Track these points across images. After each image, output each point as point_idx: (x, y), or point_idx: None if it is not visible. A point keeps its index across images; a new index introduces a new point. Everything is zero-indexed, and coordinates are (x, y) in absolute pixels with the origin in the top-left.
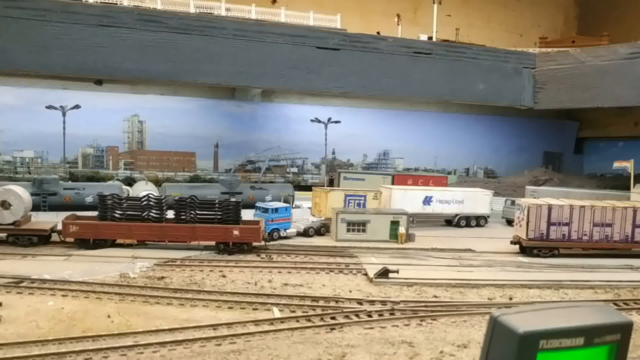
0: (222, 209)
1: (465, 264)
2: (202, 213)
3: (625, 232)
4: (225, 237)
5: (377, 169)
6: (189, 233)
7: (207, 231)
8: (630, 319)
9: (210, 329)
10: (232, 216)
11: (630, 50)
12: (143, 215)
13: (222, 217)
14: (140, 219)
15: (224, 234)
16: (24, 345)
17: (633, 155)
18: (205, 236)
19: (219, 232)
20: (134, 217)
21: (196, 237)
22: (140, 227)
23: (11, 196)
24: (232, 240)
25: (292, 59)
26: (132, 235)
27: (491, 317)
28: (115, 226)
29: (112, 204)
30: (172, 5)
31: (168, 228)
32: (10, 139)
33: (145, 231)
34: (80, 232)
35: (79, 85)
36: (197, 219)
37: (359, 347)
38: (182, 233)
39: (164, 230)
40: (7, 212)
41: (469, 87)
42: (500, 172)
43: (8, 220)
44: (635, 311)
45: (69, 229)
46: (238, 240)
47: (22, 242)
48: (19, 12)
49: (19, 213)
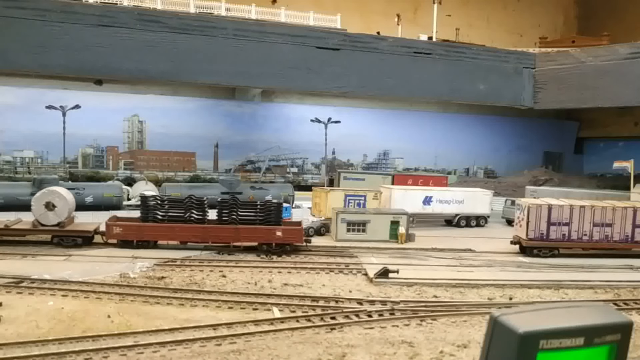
0: (264, 210)
1: (465, 264)
2: (244, 214)
3: (625, 232)
4: (268, 238)
5: (377, 169)
6: (232, 234)
7: (250, 232)
8: (630, 319)
9: (210, 329)
10: (273, 217)
11: (630, 50)
12: (185, 217)
13: (264, 218)
14: (182, 220)
15: (267, 235)
16: (24, 345)
17: (633, 155)
18: (248, 237)
19: (262, 233)
20: (175, 218)
21: (239, 238)
22: (184, 229)
23: (56, 197)
24: (275, 241)
25: (292, 59)
26: (175, 236)
27: (491, 317)
28: (158, 227)
29: (154, 205)
30: (172, 5)
31: (211, 229)
32: (10, 139)
33: (188, 232)
34: (123, 233)
35: (79, 85)
36: (239, 220)
37: (359, 347)
38: (225, 234)
39: (207, 231)
40: (51, 214)
41: (469, 87)
42: (500, 172)
43: (53, 221)
44: (635, 311)
45: (112, 230)
46: (281, 241)
47: (67, 244)
48: (19, 12)
49: (64, 214)
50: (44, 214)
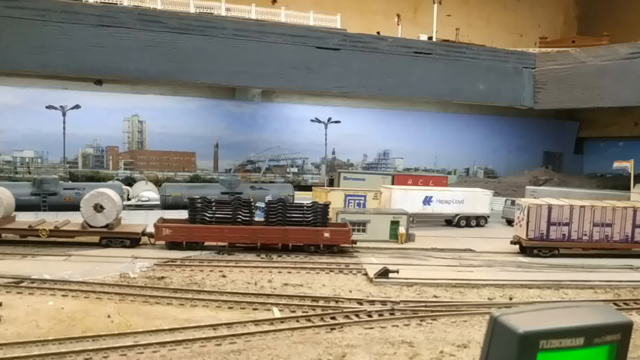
0: (310, 211)
1: (465, 264)
2: (292, 215)
3: (625, 232)
4: (316, 239)
5: (377, 169)
6: (280, 235)
7: (298, 233)
8: (630, 319)
9: (210, 329)
10: (320, 218)
11: (630, 50)
12: (233, 218)
13: (311, 219)
14: (230, 221)
15: (315, 236)
16: (24, 345)
17: (633, 155)
18: (296, 238)
19: (310, 234)
20: (222, 219)
21: (287, 240)
22: (233, 230)
23: (104, 199)
24: (323, 242)
25: (292, 59)
26: (224, 237)
27: (491, 317)
28: (207, 229)
29: (201, 206)
30: (172, 5)
31: (259, 230)
32: (10, 139)
33: (237, 234)
34: (172, 235)
35: (79, 85)
36: (287, 221)
37: (359, 347)
38: (274, 235)
39: (255, 233)
40: (100, 215)
41: (469, 87)
42: (500, 172)
43: (101, 223)
44: (635, 311)
45: (161, 232)
46: (328, 242)
47: (115, 245)
48: (19, 12)
49: (112, 216)
50: (92, 215)
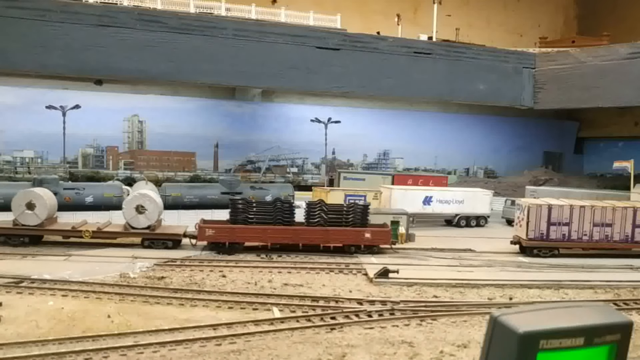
0: (351, 212)
1: (465, 264)
2: (333, 216)
3: (625, 232)
4: (357, 239)
5: (377, 169)
6: (322, 236)
7: (340, 234)
8: (630, 319)
9: (210, 329)
10: (360, 219)
11: (630, 50)
12: (273, 219)
13: (351, 220)
14: (270, 222)
15: (356, 237)
16: (24, 345)
17: (633, 155)
18: (337, 239)
19: (351, 235)
20: (263, 220)
21: (328, 240)
22: (275, 231)
23: (146, 200)
24: (364, 242)
25: (292, 59)
26: (267, 238)
27: (491, 317)
28: (249, 230)
29: (242, 207)
30: (172, 5)
31: (301, 231)
32: (10, 139)
33: (279, 234)
34: (215, 235)
35: (79, 85)
36: (327, 222)
37: (359, 347)
38: (315, 236)
39: (297, 234)
40: (142, 217)
41: (469, 87)
42: (500, 172)
43: (143, 224)
44: (635, 311)
45: (205, 232)
46: (369, 243)
47: (157, 247)
48: (19, 12)
49: (154, 217)
50: (134, 217)
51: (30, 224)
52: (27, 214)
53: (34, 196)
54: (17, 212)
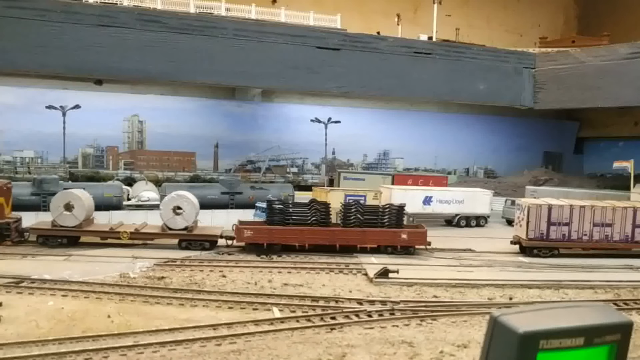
0: (386, 213)
1: (465, 264)
2: (369, 217)
3: (625, 232)
4: (394, 240)
5: (377, 169)
6: (359, 237)
7: (377, 235)
8: (630, 319)
9: (210, 329)
10: (395, 220)
11: (630, 50)
12: (310, 220)
13: (387, 221)
14: (307, 223)
15: (393, 238)
16: (24, 345)
17: (633, 155)
18: (374, 240)
19: (388, 236)
20: (300, 221)
21: (365, 241)
22: (313, 232)
23: (183, 202)
24: (401, 243)
25: (292, 59)
26: (304, 239)
27: (491, 317)
28: (287, 231)
29: (279, 209)
30: (172, 5)
31: (338, 232)
32: (10, 139)
33: (317, 235)
34: (254, 236)
35: (79, 85)
36: (363, 223)
37: (359, 347)
38: (352, 237)
39: (334, 235)
40: (179, 218)
41: (469, 87)
42: (500, 172)
43: (180, 225)
44: (635, 311)
45: (243, 233)
46: (406, 244)
47: (195, 248)
48: (19, 12)
49: (191, 218)
50: (172, 218)
51: (69, 225)
52: (66, 215)
53: (72, 197)
54: (55, 213)
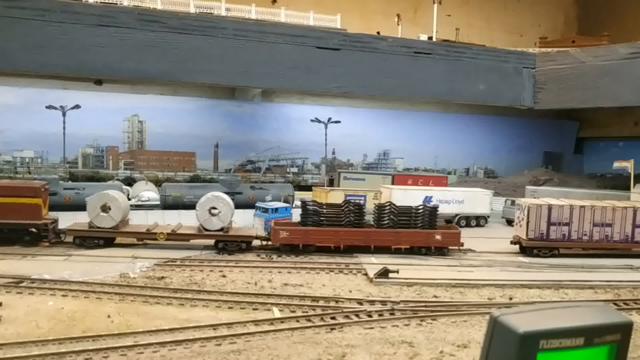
0: (419, 214)
1: (465, 264)
2: (403, 218)
3: (625, 232)
4: (427, 241)
5: (377, 169)
6: (393, 238)
7: (410, 236)
8: (630, 319)
9: (210, 329)
10: (429, 221)
11: (630, 50)
12: (344, 221)
13: (420, 222)
14: (341, 224)
15: (426, 238)
16: (24, 345)
17: (633, 155)
18: (408, 240)
19: (422, 237)
20: (334, 222)
21: (399, 242)
22: (347, 233)
23: (219, 202)
24: (434, 244)
25: (292, 59)
26: (339, 240)
27: (491, 317)
28: (322, 231)
29: (313, 210)
30: (172, 5)
31: (373, 233)
32: (10, 139)
33: (351, 236)
34: (289, 237)
35: (79, 85)
36: (397, 224)
37: (359, 347)
38: (387, 238)
39: (369, 235)
40: (215, 219)
41: (469, 87)
42: (500, 172)
43: (216, 226)
44: (635, 311)
45: (279, 234)
46: (440, 245)
47: (231, 249)
48: (19, 12)
49: (227, 219)
50: (208, 219)
51: (106, 226)
52: (103, 217)
53: (109, 199)
54: (92, 215)
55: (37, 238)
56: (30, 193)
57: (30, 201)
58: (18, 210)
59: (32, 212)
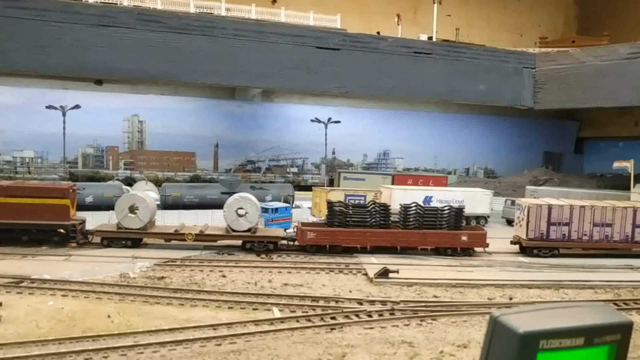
0: (445, 215)
1: (465, 264)
2: (427, 219)
3: (625, 232)
4: (454, 242)
5: (377, 169)
6: (420, 239)
7: (437, 237)
8: (630, 319)
9: (210, 329)
10: (455, 222)
11: (630, 50)
12: (370, 222)
13: (445, 223)
14: (367, 225)
15: (453, 240)
16: (24, 345)
17: (633, 155)
18: (434, 241)
19: (448, 238)
20: (360, 223)
21: (426, 243)
22: (375, 234)
23: (247, 204)
24: (461, 245)
25: (292, 59)
26: (366, 241)
27: (491, 317)
28: (349, 232)
29: (339, 211)
30: (172, 5)
31: (400, 234)
32: (10, 139)
33: (378, 237)
34: (317, 238)
35: (79, 85)
36: (423, 225)
37: (359, 347)
38: (414, 239)
39: (396, 236)
40: (242, 219)
41: (469, 87)
42: (500, 172)
43: (244, 227)
44: (635, 311)
45: (306, 235)
46: (466, 246)
47: (259, 249)
48: (19, 12)
49: (254, 220)
50: (235, 220)
51: (134, 227)
52: (131, 218)
53: (137, 200)
54: (120, 216)
55: (65, 239)
56: (58, 194)
57: (59, 202)
58: (46, 211)
59: (60, 213)
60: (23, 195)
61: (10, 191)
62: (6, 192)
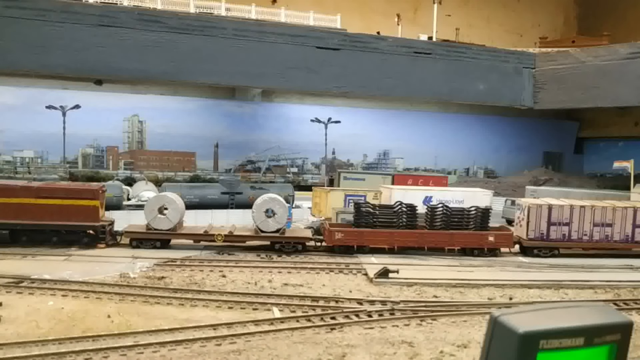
0: (472, 215)
1: (465, 264)
2: (455, 220)
3: (626, 232)
4: (480, 242)
5: (377, 169)
6: (447, 239)
7: (464, 237)
8: (631, 319)
9: (210, 329)
10: (481, 222)
11: (630, 50)
12: (397, 223)
13: (472, 223)
14: (394, 225)
15: (479, 240)
16: (24, 345)
17: (633, 155)
18: (461, 242)
19: (475, 238)
20: (387, 224)
21: (453, 243)
22: (401, 234)
23: (276, 204)
24: (487, 245)
25: (292, 59)
26: (393, 241)
27: (491, 317)
28: (377, 233)
29: (366, 211)
30: (172, 5)
31: (427, 234)
32: (10, 139)
33: (405, 237)
34: (345, 239)
35: (79, 85)
36: (450, 225)
37: (359, 347)
38: (440, 239)
39: (423, 237)
40: (271, 220)
41: (469, 87)
42: (500, 172)
43: (272, 228)
44: (635, 311)
45: (334, 236)
46: (492, 246)
47: (287, 250)
48: (19, 12)
49: (283, 221)
50: (264, 221)
51: (163, 228)
52: (160, 219)
53: (166, 200)
54: (149, 217)
55: (94, 240)
56: (88, 195)
57: (89, 203)
58: (76, 212)
59: (90, 214)
60: (53, 196)
61: (41, 192)
62: (37, 193)
